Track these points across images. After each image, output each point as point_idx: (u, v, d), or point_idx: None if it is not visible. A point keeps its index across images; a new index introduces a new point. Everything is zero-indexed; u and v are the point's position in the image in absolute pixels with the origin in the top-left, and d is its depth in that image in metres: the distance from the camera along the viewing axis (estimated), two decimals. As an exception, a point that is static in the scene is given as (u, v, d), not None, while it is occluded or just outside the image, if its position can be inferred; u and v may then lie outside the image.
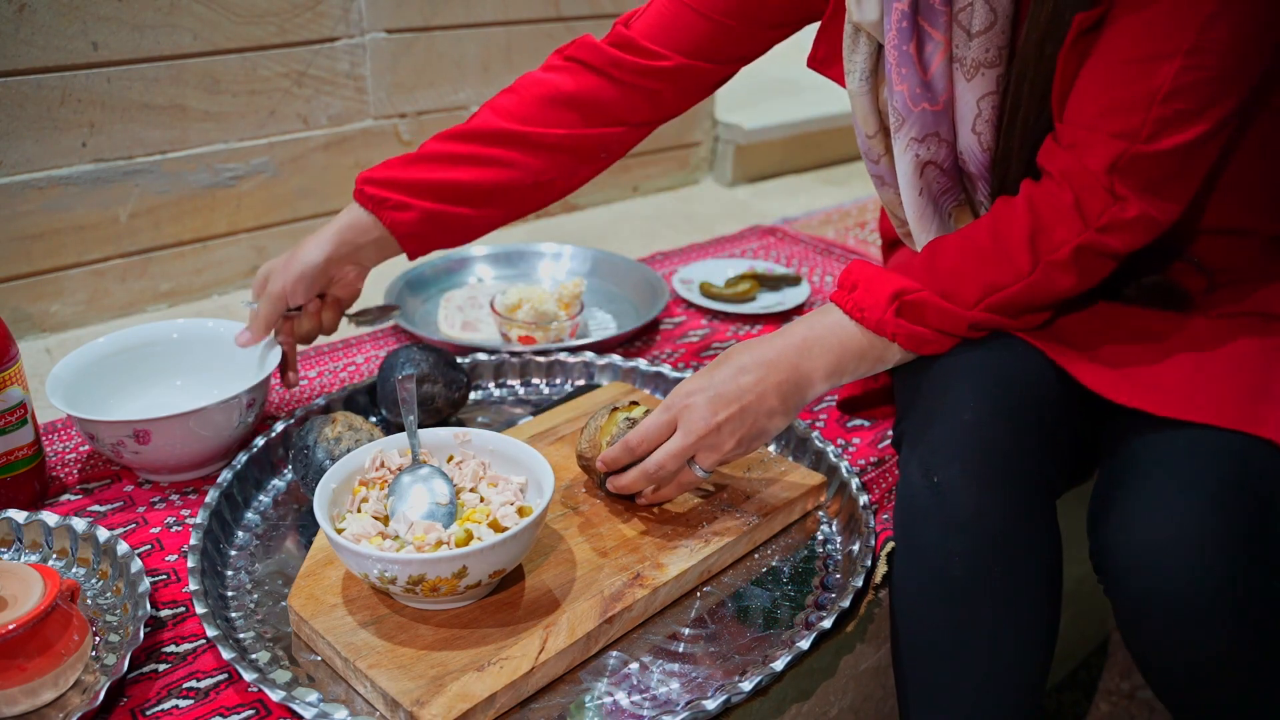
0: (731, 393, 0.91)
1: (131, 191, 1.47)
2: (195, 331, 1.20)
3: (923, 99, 0.94)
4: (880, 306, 0.90)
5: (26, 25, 1.31)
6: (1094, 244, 0.87)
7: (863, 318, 0.91)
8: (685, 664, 0.88)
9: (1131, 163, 0.85)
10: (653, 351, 1.41)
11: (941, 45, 0.92)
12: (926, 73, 0.93)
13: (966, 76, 0.92)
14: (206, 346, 1.19)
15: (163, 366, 1.19)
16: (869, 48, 0.97)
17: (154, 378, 1.18)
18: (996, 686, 0.85)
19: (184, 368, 1.19)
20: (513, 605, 0.88)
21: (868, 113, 1.00)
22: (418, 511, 0.89)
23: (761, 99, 2.34)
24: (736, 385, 0.91)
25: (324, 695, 0.83)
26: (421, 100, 1.71)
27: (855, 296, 0.91)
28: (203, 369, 1.19)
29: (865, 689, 1.02)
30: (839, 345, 0.92)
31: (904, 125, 0.96)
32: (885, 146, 1.02)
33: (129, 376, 1.16)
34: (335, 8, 1.56)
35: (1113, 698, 1.40)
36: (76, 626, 0.83)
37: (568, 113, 1.12)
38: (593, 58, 1.12)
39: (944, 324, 0.90)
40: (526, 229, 1.92)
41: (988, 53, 0.90)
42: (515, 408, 1.27)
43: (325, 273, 1.11)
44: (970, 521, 0.84)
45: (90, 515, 1.05)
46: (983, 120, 0.93)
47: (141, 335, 1.18)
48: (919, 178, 0.98)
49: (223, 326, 1.18)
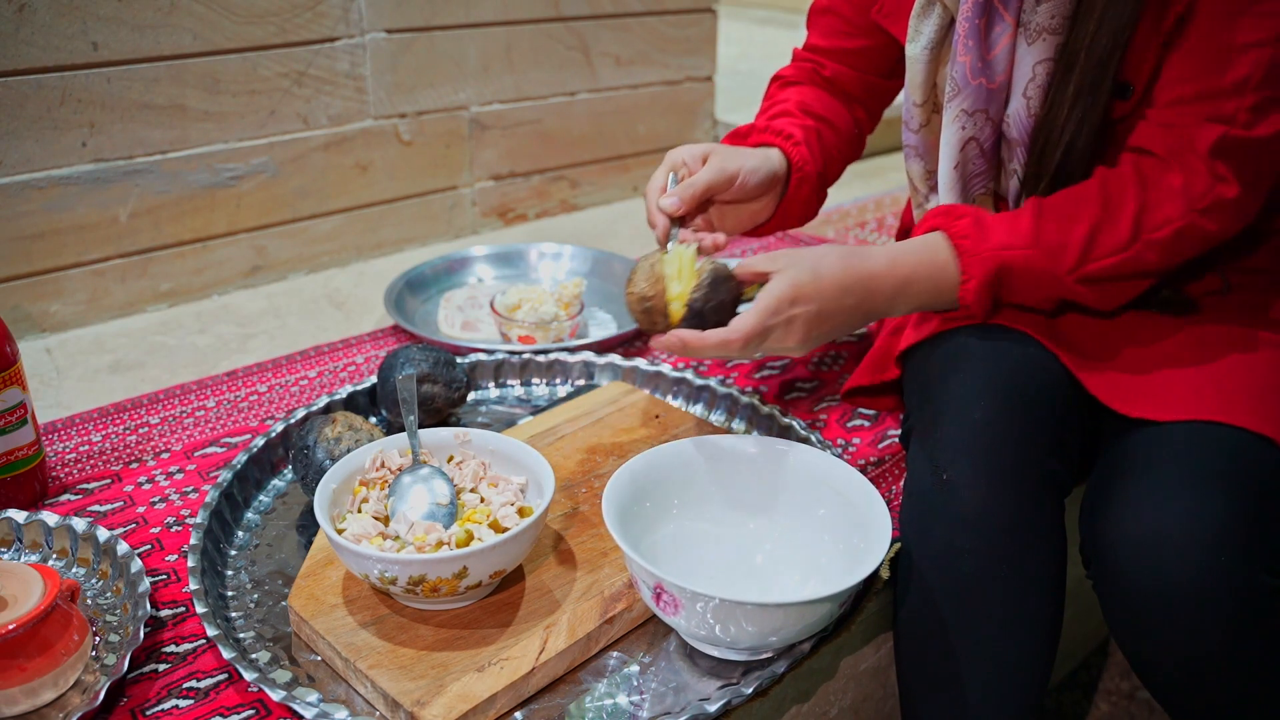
0: (831, 311, 0.91)
1: (131, 191, 1.47)
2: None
3: (981, 74, 0.96)
4: (981, 275, 0.92)
5: (26, 25, 1.31)
6: (1194, 226, 0.89)
7: (963, 286, 0.93)
8: (685, 664, 0.88)
9: (1232, 146, 0.87)
10: (653, 351, 1.41)
11: (1009, 28, 0.94)
12: (990, 51, 0.95)
13: (1029, 40, 0.94)
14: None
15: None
16: (941, 19, 0.99)
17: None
18: (1000, 684, 0.85)
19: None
20: (513, 605, 0.88)
21: (922, 81, 1.03)
22: (418, 512, 0.89)
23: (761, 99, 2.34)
24: (839, 305, 0.91)
25: (324, 695, 0.83)
26: (421, 100, 1.71)
27: (965, 249, 0.92)
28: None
29: (865, 689, 1.02)
30: (931, 292, 0.94)
31: (958, 96, 0.98)
32: (927, 117, 1.05)
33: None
34: (335, 8, 1.56)
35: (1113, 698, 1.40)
36: (76, 626, 0.83)
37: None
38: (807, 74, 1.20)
39: (1036, 294, 0.93)
40: (526, 229, 1.92)
41: (1053, 19, 0.92)
42: (515, 408, 1.27)
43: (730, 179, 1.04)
44: (979, 518, 0.84)
45: (90, 515, 1.05)
46: (1035, 85, 0.95)
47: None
48: (959, 151, 1.00)
49: None
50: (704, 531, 0.95)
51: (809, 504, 0.94)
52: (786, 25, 3.32)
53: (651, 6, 1.94)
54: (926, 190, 1.08)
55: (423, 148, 1.75)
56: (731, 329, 0.88)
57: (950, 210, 0.95)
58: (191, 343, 1.45)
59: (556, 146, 1.92)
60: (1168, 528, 0.79)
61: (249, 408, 1.26)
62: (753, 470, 0.96)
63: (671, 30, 1.99)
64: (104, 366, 1.38)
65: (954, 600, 0.85)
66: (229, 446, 1.18)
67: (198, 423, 1.23)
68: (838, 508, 0.92)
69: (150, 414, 1.24)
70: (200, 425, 1.22)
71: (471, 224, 1.87)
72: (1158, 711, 1.36)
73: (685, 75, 2.06)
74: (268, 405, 1.27)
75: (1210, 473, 0.81)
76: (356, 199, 1.70)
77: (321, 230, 1.68)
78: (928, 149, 1.06)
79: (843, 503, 0.92)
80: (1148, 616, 0.80)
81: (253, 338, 1.47)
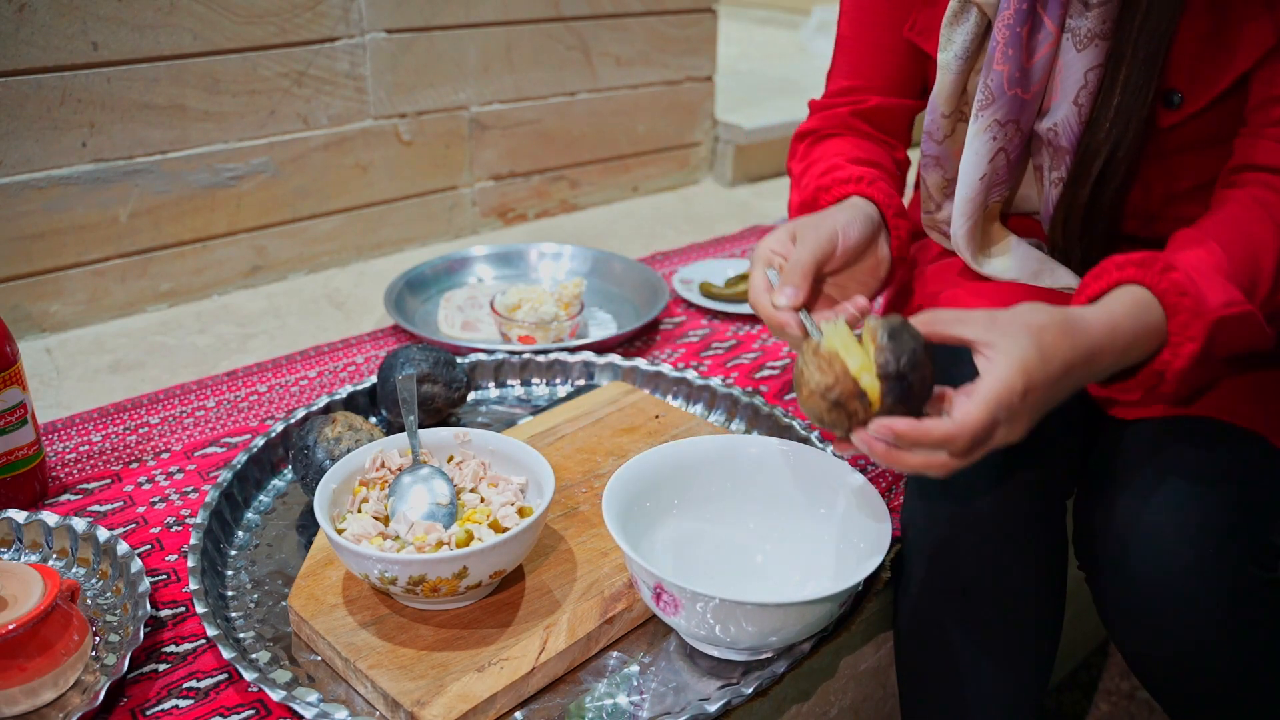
0: (1056, 395, 0.76)
1: (131, 191, 1.47)
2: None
3: (1018, 84, 0.93)
4: (1197, 341, 0.77)
5: (26, 25, 1.31)
6: None
7: (1175, 355, 0.79)
8: (685, 664, 0.88)
9: None
10: (653, 351, 1.41)
11: (1052, 36, 0.91)
12: (1030, 59, 0.92)
13: (1078, 47, 0.91)
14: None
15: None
16: (976, 26, 0.95)
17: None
18: (1000, 684, 0.85)
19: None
20: (513, 605, 0.88)
21: (952, 90, 0.99)
22: (418, 512, 0.89)
23: (761, 99, 2.34)
24: (1062, 388, 0.76)
25: (324, 695, 0.83)
26: (421, 100, 1.71)
27: (1180, 318, 0.78)
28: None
29: (865, 689, 1.02)
30: (1139, 356, 0.79)
31: (991, 105, 0.94)
32: (953, 127, 1.01)
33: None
34: (335, 8, 1.56)
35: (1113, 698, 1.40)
36: (76, 626, 0.83)
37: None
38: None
39: (1248, 343, 0.80)
40: (527, 229, 1.92)
41: (1104, 24, 0.89)
42: (515, 408, 1.27)
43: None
44: (979, 518, 0.84)
45: (90, 515, 1.05)
46: (1086, 92, 0.92)
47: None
48: (987, 163, 0.97)
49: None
50: (704, 531, 0.95)
51: (809, 504, 0.94)
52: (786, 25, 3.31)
53: (651, 6, 1.94)
54: (941, 199, 1.06)
55: (423, 148, 1.75)
56: (958, 422, 0.71)
57: (1147, 260, 0.80)
58: (191, 343, 1.45)
59: (556, 146, 1.92)
60: (1156, 522, 0.80)
61: (249, 408, 1.26)
62: (753, 470, 0.96)
63: (671, 30, 1.99)
64: (104, 366, 1.38)
65: (954, 600, 0.86)
66: (229, 446, 1.18)
67: (198, 423, 1.23)
68: (838, 508, 0.92)
69: (150, 414, 1.24)
70: (200, 425, 1.22)
71: (471, 224, 1.87)
72: (1158, 711, 1.36)
73: (685, 75, 2.06)
74: (268, 405, 1.27)
75: (1198, 467, 0.82)
76: (356, 199, 1.70)
77: (321, 230, 1.68)
78: (950, 159, 1.03)
79: (843, 503, 0.92)
80: (1137, 611, 0.81)
81: (253, 338, 1.47)
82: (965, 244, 1.00)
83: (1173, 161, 0.94)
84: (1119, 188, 0.94)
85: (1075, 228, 0.97)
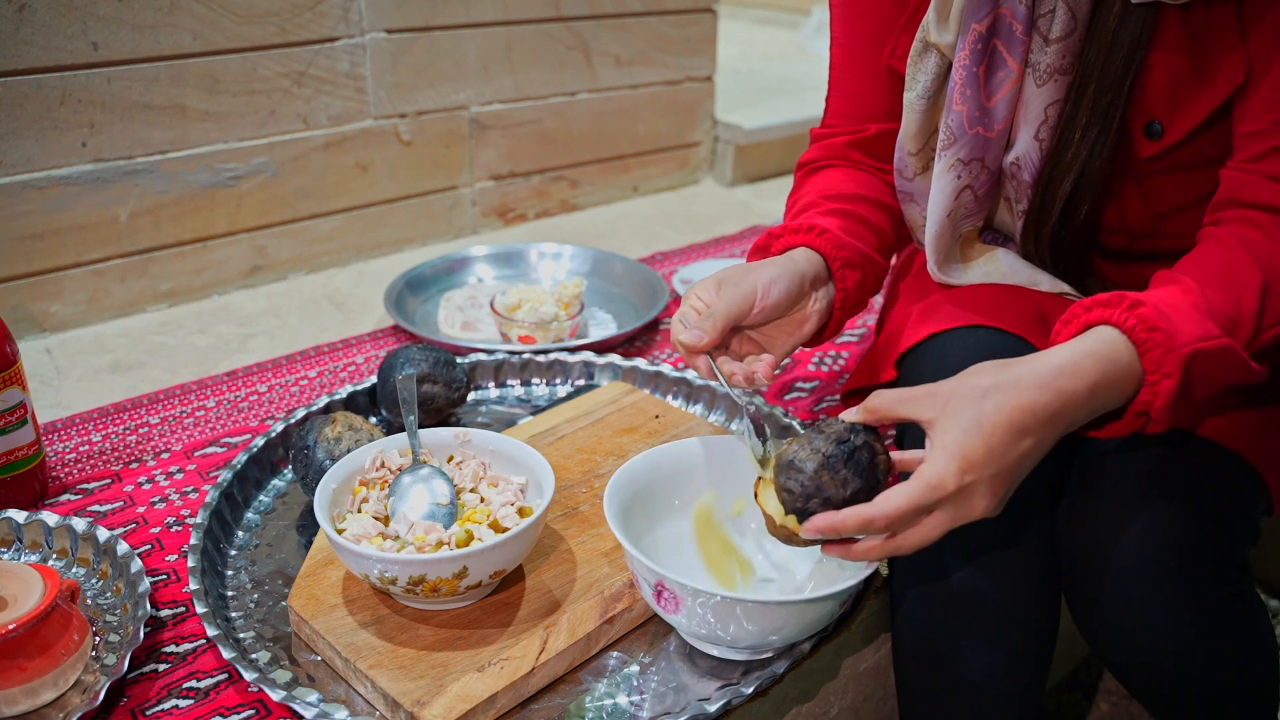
0: (1013, 467, 0.73)
1: (131, 191, 1.47)
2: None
3: (979, 123, 0.93)
4: (1173, 377, 0.74)
5: (26, 25, 1.31)
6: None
7: (1153, 394, 0.75)
8: (685, 665, 0.88)
9: None
10: (653, 351, 1.41)
11: (1014, 74, 0.91)
12: (990, 99, 0.92)
13: (1038, 82, 0.91)
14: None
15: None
16: (937, 66, 0.95)
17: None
18: (999, 684, 0.86)
19: None
20: (513, 605, 0.88)
21: (919, 129, 0.98)
22: (418, 512, 0.89)
23: (761, 99, 2.34)
24: (1018, 454, 0.73)
25: (324, 695, 0.83)
26: (421, 100, 1.71)
27: (1152, 355, 0.74)
28: None
29: (865, 689, 1.02)
30: (1120, 396, 0.76)
31: (953, 145, 0.94)
32: (923, 165, 1.01)
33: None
34: (335, 8, 1.56)
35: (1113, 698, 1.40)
36: (76, 626, 0.83)
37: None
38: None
39: (1233, 379, 0.78)
40: (526, 229, 1.92)
41: (1064, 59, 0.89)
42: (515, 408, 1.27)
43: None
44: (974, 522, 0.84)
45: (90, 515, 1.05)
46: (1046, 126, 0.92)
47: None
48: (953, 200, 0.97)
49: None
50: (704, 531, 0.95)
51: None
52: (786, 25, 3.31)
53: (651, 6, 1.94)
54: (921, 230, 1.05)
55: (423, 148, 1.75)
56: (876, 507, 0.71)
57: (1114, 299, 0.77)
58: (191, 343, 1.45)
59: (556, 146, 1.92)
60: (1120, 534, 0.81)
61: (249, 408, 1.26)
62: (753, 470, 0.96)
63: (671, 30, 1.99)
64: (104, 366, 1.38)
65: (952, 601, 0.86)
66: (229, 446, 1.18)
67: (198, 423, 1.23)
68: None
69: (150, 414, 1.24)
70: (200, 425, 1.22)
71: (471, 224, 1.87)
72: (1158, 711, 1.36)
73: (685, 75, 2.06)
74: (268, 405, 1.27)
75: (1163, 480, 0.83)
76: (356, 199, 1.70)
77: (321, 230, 1.68)
78: (922, 195, 1.02)
79: None
80: (1103, 623, 0.83)
81: (253, 338, 1.47)
82: (939, 275, 1.02)
83: (1156, 183, 0.94)
84: (1086, 218, 0.94)
85: (1045, 253, 0.98)
